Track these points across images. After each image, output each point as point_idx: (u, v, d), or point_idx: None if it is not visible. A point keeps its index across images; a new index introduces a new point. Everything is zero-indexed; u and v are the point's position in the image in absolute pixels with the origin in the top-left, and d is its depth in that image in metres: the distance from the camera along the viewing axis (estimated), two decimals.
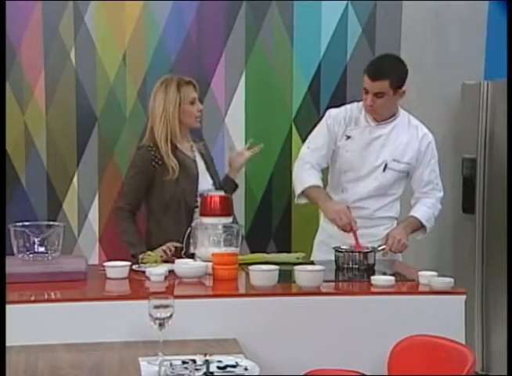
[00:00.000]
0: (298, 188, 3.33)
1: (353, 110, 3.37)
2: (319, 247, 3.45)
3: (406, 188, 3.43)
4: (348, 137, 3.33)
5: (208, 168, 3.41)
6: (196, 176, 3.31)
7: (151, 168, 3.24)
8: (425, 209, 3.33)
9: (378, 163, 3.29)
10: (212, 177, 3.40)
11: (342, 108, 3.41)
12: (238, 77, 4.20)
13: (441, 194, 3.40)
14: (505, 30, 4.11)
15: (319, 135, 3.39)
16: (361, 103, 3.35)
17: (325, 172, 3.44)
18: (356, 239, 3.12)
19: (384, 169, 3.29)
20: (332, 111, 3.41)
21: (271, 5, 4.19)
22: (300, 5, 4.21)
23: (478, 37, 4.43)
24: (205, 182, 3.35)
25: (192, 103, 3.32)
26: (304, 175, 3.33)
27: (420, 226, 3.33)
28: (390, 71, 3.20)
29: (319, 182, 3.32)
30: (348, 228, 3.13)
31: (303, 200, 3.36)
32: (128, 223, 3.27)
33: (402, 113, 3.37)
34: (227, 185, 3.48)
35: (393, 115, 3.33)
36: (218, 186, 3.39)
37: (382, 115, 3.30)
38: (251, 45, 4.19)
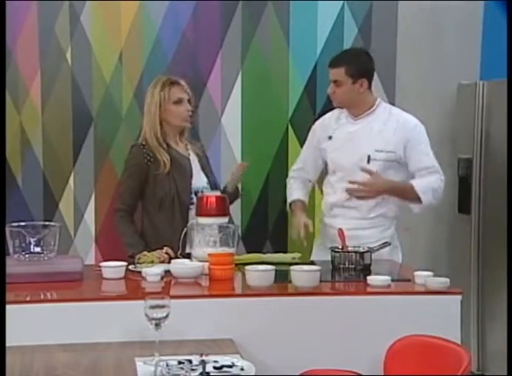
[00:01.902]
0: (288, 200, 3.57)
1: (334, 113, 3.46)
2: (318, 247, 3.46)
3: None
4: (330, 137, 3.40)
5: (203, 168, 3.41)
6: (190, 173, 3.32)
7: (144, 166, 3.25)
8: (423, 181, 3.30)
9: (361, 156, 3.30)
10: (207, 176, 3.40)
11: (328, 113, 3.51)
12: (234, 78, 4.20)
13: (442, 176, 3.36)
14: (501, 30, 4.12)
15: (304, 149, 3.59)
16: None
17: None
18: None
19: (368, 161, 3.30)
20: (319, 119, 3.55)
21: (267, 4, 4.19)
22: (296, 5, 4.21)
23: (474, 38, 4.43)
24: (200, 180, 3.36)
25: (177, 102, 3.31)
26: (289, 191, 3.57)
27: (415, 197, 3.30)
28: (346, 59, 3.31)
29: (299, 195, 3.51)
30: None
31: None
32: (126, 224, 3.28)
33: (382, 105, 3.40)
34: (227, 193, 3.47)
35: (369, 108, 3.35)
36: (213, 185, 3.39)
37: (344, 104, 3.35)
38: (247, 45, 4.19)
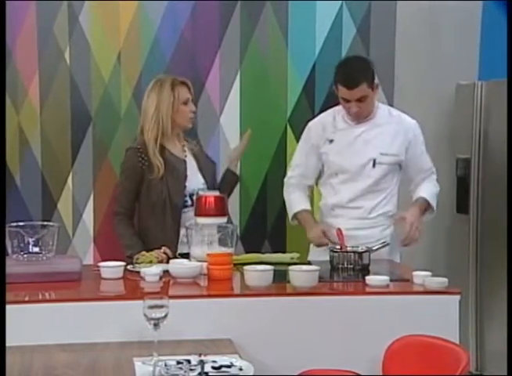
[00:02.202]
0: (289, 213, 3.49)
1: (329, 114, 3.43)
2: (315, 248, 3.46)
3: (400, 187, 3.44)
4: (331, 141, 3.36)
5: (201, 168, 3.40)
6: (184, 176, 3.30)
7: (139, 169, 3.24)
8: (429, 190, 3.37)
9: (366, 160, 3.31)
10: (204, 177, 3.39)
11: (322, 114, 3.48)
12: (233, 77, 4.20)
13: (436, 176, 3.45)
14: (499, 30, 4.13)
15: (299, 153, 3.50)
16: (337, 108, 3.38)
17: None
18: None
19: (374, 165, 3.31)
20: (309, 123, 3.48)
21: (265, 4, 4.19)
22: (294, 5, 4.21)
23: (472, 38, 4.44)
24: (196, 182, 3.33)
25: (186, 103, 3.32)
26: (290, 201, 3.48)
27: (426, 207, 3.35)
28: (363, 74, 3.21)
29: (305, 205, 3.44)
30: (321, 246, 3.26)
31: (295, 222, 3.49)
32: (125, 227, 3.28)
33: (380, 107, 3.40)
34: (228, 178, 3.48)
35: (371, 111, 3.34)
36: (211, 186, 3.39)
37: (367, 115, 3.32)
38: (246, 45, 4.19)
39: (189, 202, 3.27)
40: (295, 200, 3.45)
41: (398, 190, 3.43)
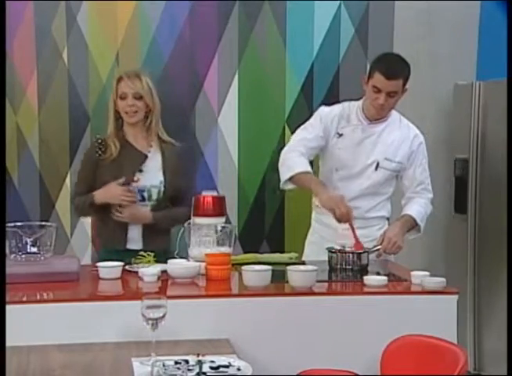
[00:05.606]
0: (287, 173, 3.28)
1: (345, 108, 3.38)
2: (310, 247, 3.45)
3: (396, 189, 3.44)
4: (340, 135, 3.34)
5: (165, 167, 3.28)
6: (136, 169, 3.23)
7: (95, 157, 3.22)
8: (419, 208, 3.34)
9: (370, 161, 3.30)
10: (165, 177, 3.27)
11: (334, 106, 3.42)
12: (231, 78, 4.20)
13: (432, 195, 3.41)
14: (497, 30, 4.13)
15: (310, 127, 3.36)
16: (353, 102, 3.37)
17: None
18: (354, 231, 3.12)
19: (376, 168, 3.30)
20: (325, 108, 3.41)
21: (263, 5, 4.19)
22: (292, 5, 4.22)
23: (470, 38, 4.44)
24: (153, 179, 3.25)
25: (122, 97, 3.24)
26: (294, 162, 3.28)
27: (413, 225, 3.33)
28: (403, 70, 3.21)
29: (310, 169, 3.29)
30: (346, 218, 3.10)
31: (289, 186, 3.33)
32: (78, 202, 3.26)
33: (393, 112, 3.38)
34: None
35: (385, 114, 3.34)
36: (168, 185, 3.25)
37: (386, 114, 3.30)
38: (244, 45, 4.20)
39: (139, 197, 3.22)
40: (300, 163, 3.26)
41: (393, 195, 3.43)
